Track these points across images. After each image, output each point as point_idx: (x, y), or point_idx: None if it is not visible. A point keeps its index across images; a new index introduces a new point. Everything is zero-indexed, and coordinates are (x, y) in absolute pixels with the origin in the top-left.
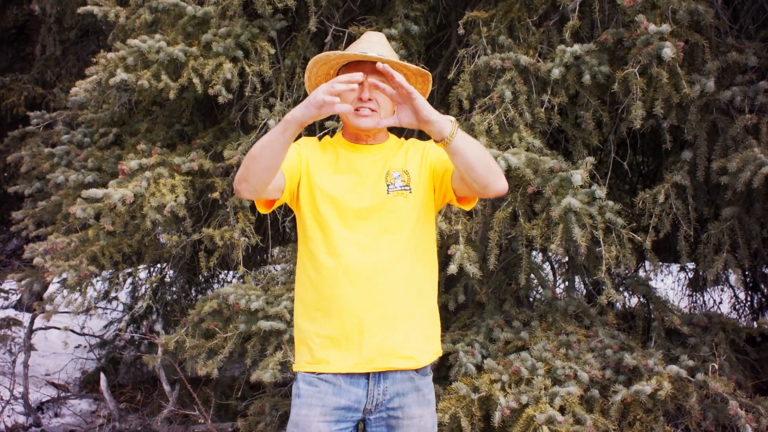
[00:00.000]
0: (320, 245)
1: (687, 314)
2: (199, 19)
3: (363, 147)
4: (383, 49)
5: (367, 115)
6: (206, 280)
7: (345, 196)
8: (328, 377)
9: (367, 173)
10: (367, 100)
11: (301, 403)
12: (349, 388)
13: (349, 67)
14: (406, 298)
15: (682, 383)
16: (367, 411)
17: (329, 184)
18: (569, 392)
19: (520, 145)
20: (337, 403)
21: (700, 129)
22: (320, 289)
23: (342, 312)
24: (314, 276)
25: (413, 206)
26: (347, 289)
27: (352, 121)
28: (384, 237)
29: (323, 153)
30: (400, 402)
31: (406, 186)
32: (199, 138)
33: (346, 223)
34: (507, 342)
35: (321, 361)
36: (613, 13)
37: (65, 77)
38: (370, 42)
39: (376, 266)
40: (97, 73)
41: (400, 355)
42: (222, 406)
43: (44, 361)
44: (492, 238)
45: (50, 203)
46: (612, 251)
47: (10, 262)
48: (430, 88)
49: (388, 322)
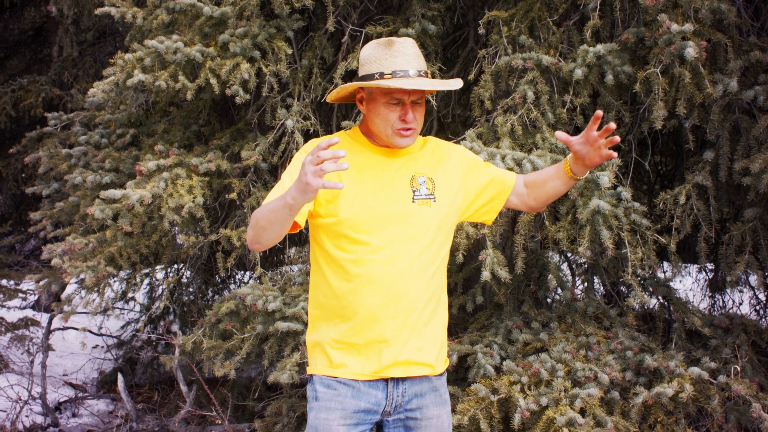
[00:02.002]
0: (344, 253)
1: (708, 316)
2: (216, 20)
3: (388, 151)
4: (421, 63)
5: (409, 135)
6: (223, 280)
7: (369, 202)
8: (347, 380)
9: (391, 177)
10: (411, 122)
11: (320, 407)
12: (368, 391)
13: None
14: (426, 307)
15: (703, 385)
16: (386, 413)
17: (352, 192)
18: (589, 394)
19: (543, 146)
20: (357, 406)
21: (722, 129)
22: (341, 296)
23: (364, 320)
24: (335, 282)
25: (437, 215)
26: (370, 298)
27: (393, 140)
28: (408, 245)
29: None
30: (418, 403)
31: (430, 195)
32: (216, 138)
33: (369, 230)
34: (526, 343)
35: (339, 365)
36: (633, 12)
37: (82, 78)
38: (407, 56)
39: (400, 275)
40: (115, 74)
41: (419, 362)
42: (239, 407)
43: (62, 361)
44: (518, 242)
45: (68, 204)
46: (638, 253)
47: (28, 262)
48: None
49: (409, 330)
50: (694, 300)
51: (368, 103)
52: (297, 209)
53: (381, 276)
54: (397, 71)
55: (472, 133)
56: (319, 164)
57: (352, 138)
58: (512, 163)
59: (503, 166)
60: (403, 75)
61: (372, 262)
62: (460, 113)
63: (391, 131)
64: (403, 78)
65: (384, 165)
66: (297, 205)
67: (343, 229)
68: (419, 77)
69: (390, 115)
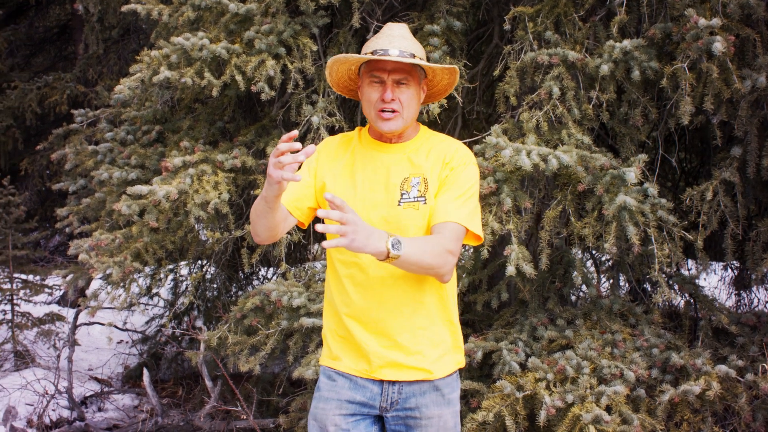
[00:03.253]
0: (337, 254)
1: (734, 313)
2: (242, 17)
3: (385, 146)
4: (405, 44)
5: (390, 118)
6: (247, 276)
7: (356, 207)
8: (345, 373)
9: (382, 178)
10: (389, 101)
11: (320, 397)
12: (364, 384)
13: (369, 64)
14: (417, 311)
15: (730, 383)
16: (383, 408)
17: (342, 192)
18: (615, 391)
19: (569, 142)
20: (352, 398)
21: (750, 125)
22: (336, 294)
23: (352, 322)
24: (332, 280)
25: (425, 217)
26: (356, 300)
27: (377, 124)
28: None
29: (342, 156)
30: (416, 402)
31: (420, 197)
32: (241, 135)
33: None
34: (551, 340)
35: (336, 357)
36: (660, 8)
37: (107, 75)
38: (391, 36)
39: (382, 279)
40: (141, 71)
41: (412, 366)
42: (263, 402)
43: (87, 356)
44: (543, 238)
45: (94, 200)
46: (664, 250)
47: (53, 258)
48: (457, 80)
49: (395, 334)
50: (720, 297)
51: (360, 88)
52: (271, 200)
53: (363, 279)
54: (377, 50)
55: (497, 129)
56: (277, 156)
57: (359, 135)
58: (538, 158)
59: (529, 162)
60: (383, 54)
61: (356, 265)
62: (483, 110)
63: (374, 113)
64: (382, 56)
65: (378, 164)
66: (269, 197)
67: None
68: (401, 57)
69: (372, 95)
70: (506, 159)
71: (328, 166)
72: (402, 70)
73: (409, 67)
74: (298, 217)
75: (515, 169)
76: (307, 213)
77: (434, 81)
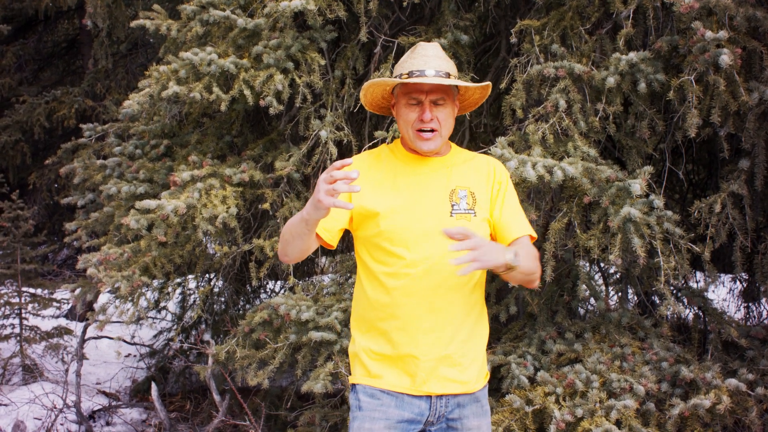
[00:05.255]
0: (381, 266)
1: (744, 326)
2: (250, 32)
3: (425, 160)
4: (441, 63)
5: (430, 138)
6: (254, 290)
7: (406, 216)
8: (391, 391)
9: (428, 190)
10: (428, 121)
11: (364, 416)
12: (412, 401)
13: (406, 86)
14: (464, 322)
15: (741, 397)
16: (429, 423)
17: (389, 204)
18: (625, 405)
19: (575, 154)
20: (401, 416)
21: (758, 137)
22: (378, 309)
23: (399, 335)
24: (373, 295)
25: (477, 230)
26: (406, 311)
27: (416, 144)
28: (445, 259)
29: (378, 169)
30: (459, 413)
31: (470, 209)
32: (249, 149)
33: (408, 244)
34: (560, 354)
35: (377, 376)
36: (667, 21)
37: (115, 90)
38: (426, 57)
39: (435, 290)
40: (150, 86)
41: (456, 380)
42: (271, 416)
43: (95, 369)
44: (548, 249)
45: (103, 214)
46: (671, 262)
47: (61, 272)
48: (488, 94)
49: (444, 345)
50: (729, 310)
51: (396, 107)
52: (313, 224)
53: (417, 290)
54: (414, 71)
55: (503, 141)
56: (332, 184)
57: (392, 150)
58: (543, 170)
59: (534, 174)
60: (419, 74)
61: (408, 276)
62: (490, 123)
63: (413, 133)
64: (419, 77)
65: (423, 176)
66: (311, 220)
67: (381, 241)
68: (437, 77)
69: (410, 115)
70: (511, 171)
71: (364, 180)
72: (439, 90)
73: (446, 87)
74: (328, 240)
75: (521, 181)
76: (336, 235)
77: (466, 96)
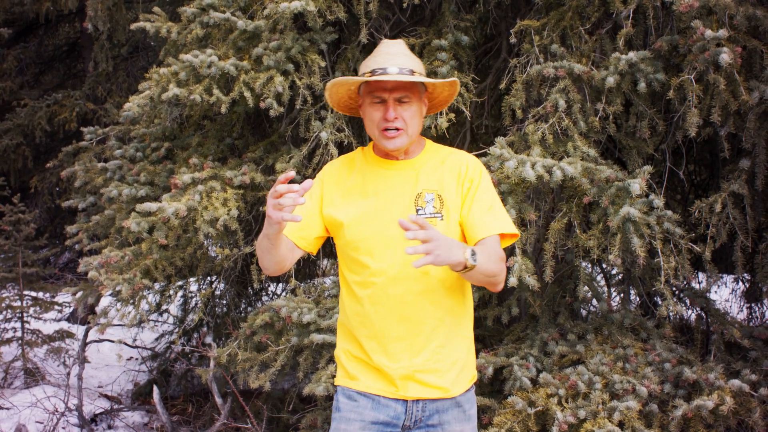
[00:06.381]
0: (352, 275)
1: (747, 327)
2: (250, 33)
3: (393, 163)
4: (404, 61)
5: (395, 136)
6: (256, 293)
7: (370, 225)
8: (367, 393)
9: (394, 196)
10: (392, 119)
11: (340, 417)
12: (387, 403)
13: (369, 84)
14: (437, 329)
15: (744, 398)
16: (406, 427)
17: (354, 214)
18: (628, 407)
19: (574, 154)
20: (376, 418)
21: (758, 137)
22: (352, 317)
23: (370, 343)
24: (347, 303)
25: (445, 233)
26: (375, 320)
27: (382, 143)
28: (410, 266)
29: (349, 176)
30: (440, 419)
31: (437, 213)
32: (250, 151)
33: (373, 253)
34: (562, 355)
35: (354, 377)
36: (667, 20)
37: (116, 93)
38: (389, 54)
39: (403, 298)
40: (150, 88)
41: (433, 385)
42: (273, 419)
43: (97, 373)
44: (547, 250)
45: (104, 217)
46: (671, 262)
47: (63, 275)
48: (458, 91)
49: (416, 352)
50: (732, 310)
51: (362, 108)
52: (274, 238)
53: (384, 299)
54: (376, 69)
55: (502, 141)
56: (277, 198)
57: (364, 154)
58: (542, 170)
59: (533, 174)
60: (381, 72)
61: (374, 285)
62: (492, 124)
63: (378, 133)
64: (381, 75)
65: (389, 181)
66: (271, 234)
67: (349, 250)
68: (400, 74)
69: (374, 114)
70: (510, 171)
71: (335, 188)
72: (403, 88)
73: (409, 84)
74: (305, 248)
75: (520, 181)
76: (314, 242)
77: (435, 93)
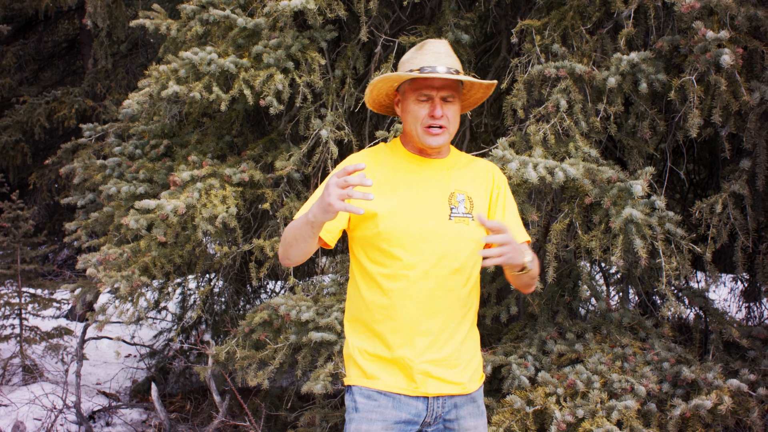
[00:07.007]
0: (378, 267)
1: (746, 327)
2: (250, 31)
3: (426, 161)
4: (451, 61)
5: (439, 133)
6: (255, 290)
7: (404, 218)
8: (387, 392)
9: (428, 191)
10: (439, 117)
11: (360, 418)
12: (409, 402)
13: (416, 82)
14: (460, 325)
15: (742, 397)
16: (426, 423)
17: (388, 205)
18: (626, 406)
19: (576, 155)
20: (398, 417)
21: (759, 137)
22: (375, 311)
23: (395, 337)
24: (369, 297)
25: (474, 234)
26: (402, 314)
27: (423, 139)
28: (442, 262)
29: (378, 169)
30: (456, 414)
31: (468, 213)
32: (249, 149)
33: (405, 246)
34: (561, 354)
35: (373, 376)
36: (668, 20)
37: (115, 90)
38: (437, 54)
39: (432, 292)
40: (150, 85)
41: (452, 381)
42: (272, 417)
43: (95, 370)
44: (549, 250)
45: (102, 214)
46: (672, 263)
47: (61, 272)
48: (490, 93)
49: (439, 348)
50: (730, 310)
51: (402, 104)
52: (318, 227)
53: (415, 292)
54: (424, 67)
55: (504, 142)
56: (345, 188)
57: (392, 150)
58: (544, 171)
59: (535, 175)
60: (430, 71)
61: (405, 278)
62: (491, 123)
63: (421, 129)
64: (431, 73)
65: (422, 177)
66: (318, 223)
67: (379, 242)
68: (449, 74)
69: (419, 112)
70: (512, 172)
71: None
72: (449, 87)
73: (455, 85)
74: (329, 241)
75: (522, 182)
76: (337, 235)
77: (468, 95)
